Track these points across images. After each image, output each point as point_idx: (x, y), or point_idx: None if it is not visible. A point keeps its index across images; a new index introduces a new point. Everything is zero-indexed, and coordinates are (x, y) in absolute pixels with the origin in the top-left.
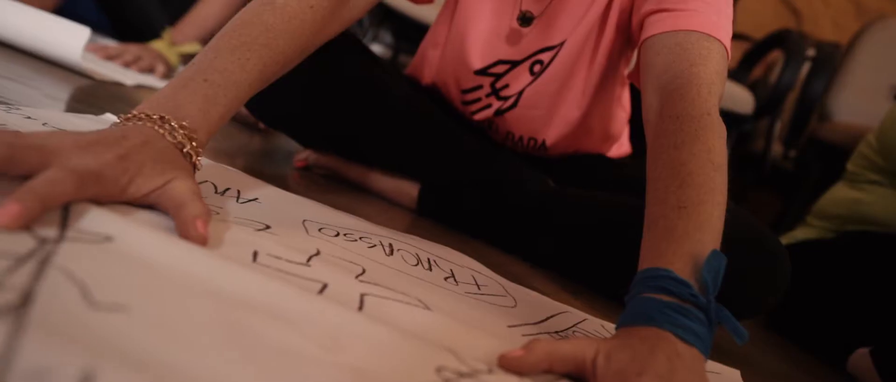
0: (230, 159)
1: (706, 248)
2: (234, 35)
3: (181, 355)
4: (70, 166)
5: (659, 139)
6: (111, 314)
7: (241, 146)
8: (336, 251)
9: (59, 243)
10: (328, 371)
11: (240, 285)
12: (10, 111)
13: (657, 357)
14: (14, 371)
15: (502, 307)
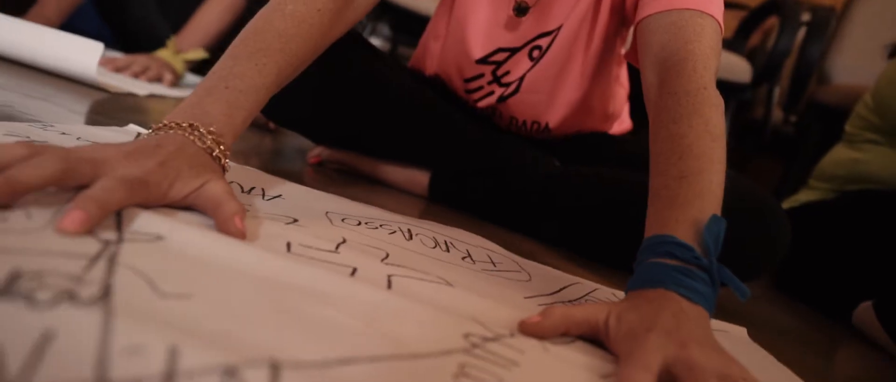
0: (245, 159)
1: (707, 214)
2: (250, 42)
3: (241, 330)
4: (119, 174)
5: (659, 115)
6: (179, 302)
7: (255, 147)
8: (360, 239)
9: (120, 244)
10: (367, 339)
11: (281, 271)
12: (46, 129)
13: (664, 315)
14: (113, 348)
15: (518, 281)
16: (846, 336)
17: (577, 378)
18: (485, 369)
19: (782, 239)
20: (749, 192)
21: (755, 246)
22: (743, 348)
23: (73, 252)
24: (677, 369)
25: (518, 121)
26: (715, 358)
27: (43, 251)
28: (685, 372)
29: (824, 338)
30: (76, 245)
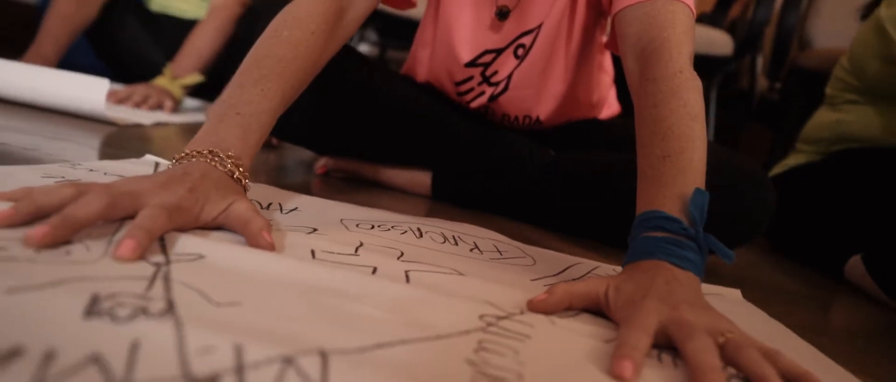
0: (254, 176)
1: (690, 188)
2: (253, 70)
3: (289, 327)
4: (157, 203)
5: (641, 101)
6: (231, 308)
7: (261, 164)
8: (376, 241)
9: (169, 265)
10: (394, 326)
11: (312, 276)
12: (75, 168)
13: (657, 283)
14: (190, 350)
15: (524, 266)
16: (840, 290)
17: (583, 344)
18: (500, 343)
19: (767, 206)
20: (734, 163)
21: (741, 214)
22: (737, 308)
23: (133, 275)
24: (671, 328)
25: (510, 117)
26: (704, 316)
27: (109, 277)
28: (677, 330)
29: (819, 294)
30: (134, 270)
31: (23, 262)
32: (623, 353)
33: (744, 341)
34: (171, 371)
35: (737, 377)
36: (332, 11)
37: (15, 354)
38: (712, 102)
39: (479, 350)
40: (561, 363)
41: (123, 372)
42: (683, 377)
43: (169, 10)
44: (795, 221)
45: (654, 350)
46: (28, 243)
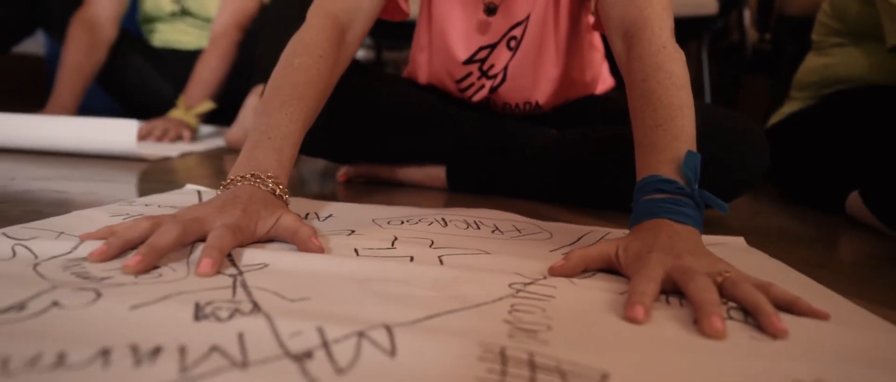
0: None
1: (683, 152)
2: (275, 98)
3: (355, 311)
4: (221, 224)
5: (631, 76)
6: (304, 302)
7: None
8: (408, 234)
9: (242, 275)
10: (439, 300)
11: (361, 269)
12: (132, 204)
13: (660, 238)
14: (284, 335)
15: (542, 239)
16: (843, 227)
17: (600, 297)
18: (529, 304)
19: (759, 160)
20: (727, 122)
21: (735, 169)
22: (740, 253)
23: (218, 286)
24: (675, 275)
25: (511, 105)
26: (703, 261)
27: (200, 289)
28: (680, 275)
29: (822, 233)
30: (216, 282)
31: (130, 285)
32: (634, 300)
33: (739, 277)
34: (274, 352)
35: (735, 308)
36: (335, 34)
37: (157, 351)
38: (705, 61)
39: (512, 311)
40: (582, 313)
41: (240, 356)
42: (688, 314)
43: (171, 44)
44: (796, 166)
45: (662, 296)
46: (126, 271)
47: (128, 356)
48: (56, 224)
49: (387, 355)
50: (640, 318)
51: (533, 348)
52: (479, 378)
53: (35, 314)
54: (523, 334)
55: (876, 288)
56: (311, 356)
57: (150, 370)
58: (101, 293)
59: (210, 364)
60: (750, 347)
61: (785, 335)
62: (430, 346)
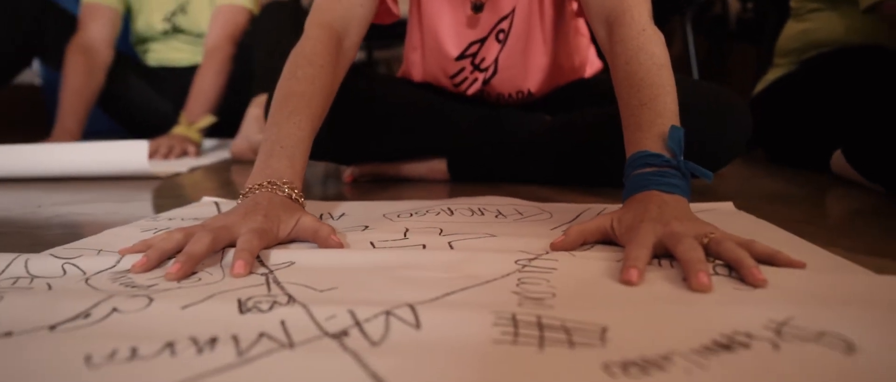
0: None
1: (667, 127)
2: (283, 108)
3: (380, 294)
4: (248, 229)
5: (614, 60)
6: (333, 291)
7: None
8: (418, 225)
9: (272, 273)
10: (453, 280)
11: (380, 259)
12: (156, 220)
13: (651, 208)
14: (321, 319)
15: (543, 220)
16: (829, 185)
17: (598, 265)
18: (535, 276)
19: (741, 129)
20: (710, 96)
21: (719, 139)
22: (728, 216)
23: (253, 284)
24: (665, 240)
25: (504, 95)
26: (690, 225)
27: (238, 288)
28: (669, 239)
29: (810, 192)
30: (251, 281)
31: (175, 290)
32: (629, 265)
33: (723, 237)
34: (315, 333)
35: (721, 265)
36: (332, 44)
37: (214, 341)
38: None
39: (519, 284)
40: (583, 280)
41: (286, 339)
42: (678, 273)
43: (166, 62)
44: (782, 130)
45: (654, 260)
46: (168, 278)
47: (190, 346)
48: (93, 243)
49: (413, 328)
50: (635, 280)
51: (540, 312)
52: (495, 339)
53: (99, 319)
54: (531, 301)
55: (856, 238)
56: (347, 334)
57: (212, 355)
58: (153, 298)
59: (261, 347)
60: (733, 296)
61: (764, 284)
62: (450, 318)
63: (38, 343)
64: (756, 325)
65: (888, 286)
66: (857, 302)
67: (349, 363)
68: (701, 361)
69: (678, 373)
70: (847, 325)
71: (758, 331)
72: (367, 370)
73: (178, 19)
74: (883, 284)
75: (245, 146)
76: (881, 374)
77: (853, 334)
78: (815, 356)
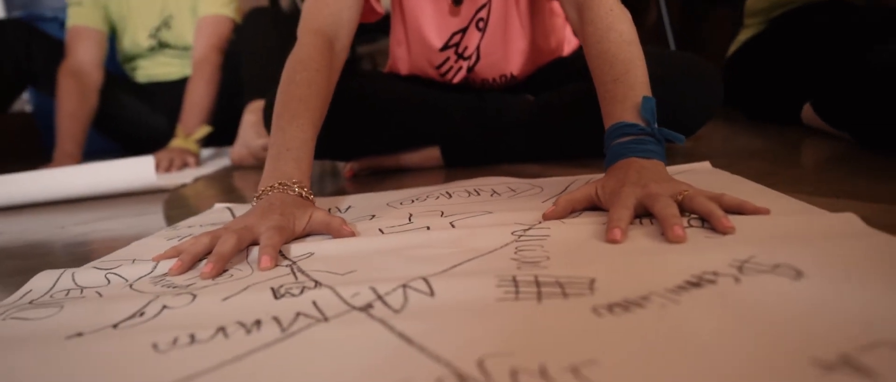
0: None
1: (639, 97)
2: (285, 113)
3: (395, 272)
4: (268, 227)
5: (587, 40)
6: (353, 274)
7: None
8: (420, 210)
9: (295, 264)
10: (458, 254)
11: (391, 243)
12: (177, 228)
13: (630, 173)
14: (346, 296)
15: (534, 194)
16: (801, 136)
17: (586, 229)
18: (530, 245)
19: (712, 94)
20: (681, 65)
21: (691, 105)
22: (706, 175)
23: (280, 275)
24: (644, 200)
25: (489, 80)
26: (666, 185)
27: (267, 279)
28: (647, 199)
29: (783, 145)
30: (278, 272)
31: (212, 286)
32: (612, 225)
33: (695, 193)
34: (343, 308)
35: (695, 218)
36: (325, 48)
37: (259, 323)
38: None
39: (517, 252)
40: (573, 242)
41: (320, 315)
42: (657, 229)
43: (155, 77)
44: (756, 88)
45: (636, 220)
46: (203, 277)
47: (239, 329)
48: (125, 254)
49: (428, 296)
50: (619, 239)
51: (537, 272)
52: (499, 298)
53: (153, 316)
54: (528, 265)
55: (818, 183)
56: (372, 306)
57: (259, 334)
58: (196, 294)
59: (300, 323)
60: (704, 244)
61: (733, 231)
62: (459, 285)
63: (107, 340)
64: (722, 265)
65: (837, 221)
66: (809, 238)
67: (378, 328)
68: (674, 297)
69: (654, 309)
70: (798, 257)
71: (723, 269)
72: (394, 331)
73: (162, 34)
74: (833, 220)
75: (244, 152)
76: (820, 292)
77: (802, 263)
78: (769, 283)
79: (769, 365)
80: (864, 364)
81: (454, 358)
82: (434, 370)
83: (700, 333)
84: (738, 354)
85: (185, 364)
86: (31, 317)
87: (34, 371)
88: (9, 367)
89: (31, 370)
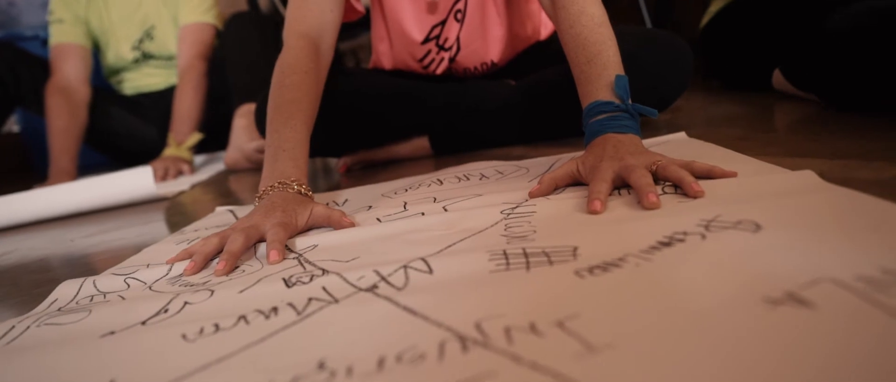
0: None
1: (612, 77)
2: (278, 116)
3: (397, 254)
4: (272, 224)
5: (559, 25)
6: (357, 260)
7: None
8: (414, 198)
9: (301, 256)
10: (453, 235)
11: (389, 229)
12: (184, 233)
13: (607, 149)
14: (353, 279)
15: (520, 175)
16: (773, 101)
17: (570, 203)
18: (518, 221)
19: (682, 68)
20: (653, 42)
21: (663, 80)
22: (681, 145)
23: (289, 267)
24: (621, 172)
25: (470, 69)
26: (642, 158)
27: (277, 271)
28: (624, 171)
29: (755, 110)
30: (286, 264)
31: (227, 282)
32: (593, 198)
33: (668, 162)
34: (351, 290)
35: (669, 185)
36: (311, 50)
37: (275, 309)
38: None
39: (506, 229)
40: (558, 216)
41: (330, 298)
42: (635, 198)
43: (142, 88)
44: (729, 57)
45: (615, 191)
46: (217, 275)
47: (259, 316)
48: (138, 260)
49: (427, 274)
50: (599, 209)
51: (525, 245)
52: (492, 270)
53: (177, 311)
54: (517, 239)
55: (783, 145)
56: (377, 286)
57: (278, 319)
58: (213, 290)
59: (314, 307)
60: (676, 208)
61: (702, 194)
62: (455, 262)
63: (138, 335)
64: (690, 225)
65: (795, 178)
66: (769, 195)
67: (385, 304)
68: (647, 256)
69: (629, 268)
70: (757, 213)
71: (691, 229)
72: (399, 306)
73: (146, 46)
74: (792, 178)
75: (238, 156)
76: (775, 241)
77: (761, 218)
78: (731, 238)
79: (726, 306)
80: (805, 297)
81: (455, 323)
82: (437, 334)
83: (668, 284)
84: (700, 299)
85: (214, 348)
86: (63, 322)
87: (76, 366)
88: (51, 365)
89: (73, 365)
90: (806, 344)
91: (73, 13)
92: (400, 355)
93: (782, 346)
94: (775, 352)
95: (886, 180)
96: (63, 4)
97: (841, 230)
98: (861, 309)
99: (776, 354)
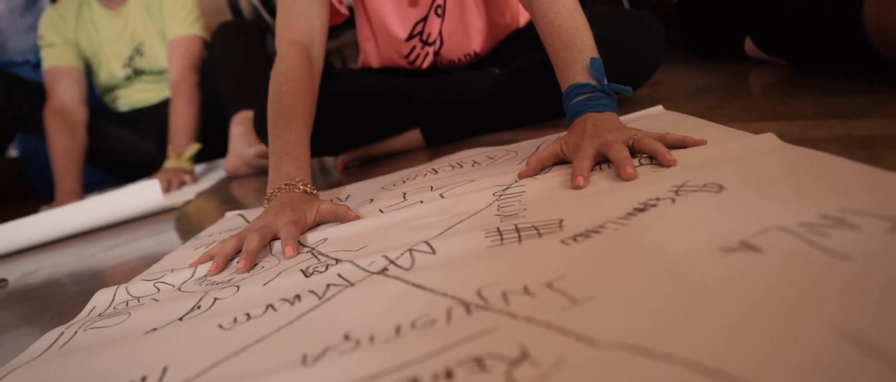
0: None
1: (588, 59)
2: (278, 122)
3: (401, 240)
4: (284, 223)
5: (534, 14)
6: (366, 248)
7: None
8: (412, 188)
9: (314, 249)
10: (451, 218)
11: (392, 219)
12: (199, 238)
13: (587, 127)
14: (364, 265)
15: (510, 158)
16: (747, 69)
17: (556, 180)
18: (509, 201)
19: (656, 47)
20: (625, 23)
21: (636, 59)
22: (658, 118)
23: (304, 260)
24: (601, 149)
25: (455, 61)
26: (620, 133)
27: (294, 264)
28: (604, 147)
29: (730, 79)
30: (302, 258)
31: (249, 278)
32: (575, 174)
33: (643, 136)
34: (364, 275)
35: (645, 157)
36: (303, 56)
37: (299, 296)
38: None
39: (499, 209)
40: (545, 194)
41: (346, 282)
42: (613, 172)
43: (136, 104)
44: (704, 28)
45: (596, 166)
46: (238, 273)
47: (284, 303)
48: (163, 266)
49: (430, 254)
50: (582, 185)
51: (516, 221)
52: (488, 246)
53: (209, 307)
54: (509, 218)
55: (751, 111)
56: (387, 269)
57: (302, 304)
58: (239, 286)
59: (332, 291)
60: (651, 177)
61: (675, 163)
62: (455, 242)
63: (179, 330)
64: (662, 191)
65: (757, 141)
66: (733, 158)
67: (396, 283)
68: (624, 222)
69: (609, 233)
70: (721, 175)
71: (663, 195)
72: (408, 283)
73: (136, 62)
74: (755, 141)
75: (238, 162)
76: (735, 199)
77: (724, 180)
78: (697, 199)
79: (690, 257)
80: (755, 244)
81: (458, 293)
82: (445, 303)
83: (641, 244)
84: (668, 254)
85: (250, 333)
86: (107, 325)
87: (129, 360)
88: (107, 362)
89: (126, 359)
90: (756, 283)
91: (63, 36)
92: (414, 322)
93: (737, 286)
94: (731, 291)
95: (836, 137)
96: (52, 28)
97: (789, 184)
98: (802, 250)
99: (732, 293)
